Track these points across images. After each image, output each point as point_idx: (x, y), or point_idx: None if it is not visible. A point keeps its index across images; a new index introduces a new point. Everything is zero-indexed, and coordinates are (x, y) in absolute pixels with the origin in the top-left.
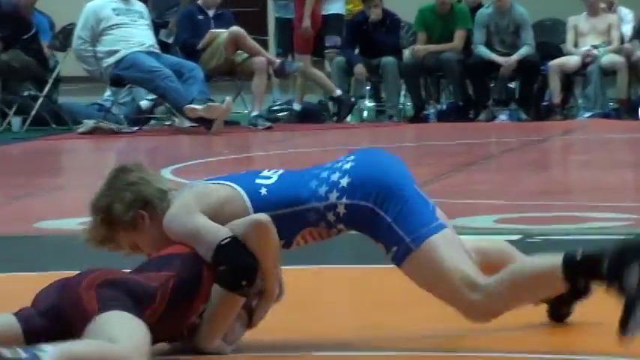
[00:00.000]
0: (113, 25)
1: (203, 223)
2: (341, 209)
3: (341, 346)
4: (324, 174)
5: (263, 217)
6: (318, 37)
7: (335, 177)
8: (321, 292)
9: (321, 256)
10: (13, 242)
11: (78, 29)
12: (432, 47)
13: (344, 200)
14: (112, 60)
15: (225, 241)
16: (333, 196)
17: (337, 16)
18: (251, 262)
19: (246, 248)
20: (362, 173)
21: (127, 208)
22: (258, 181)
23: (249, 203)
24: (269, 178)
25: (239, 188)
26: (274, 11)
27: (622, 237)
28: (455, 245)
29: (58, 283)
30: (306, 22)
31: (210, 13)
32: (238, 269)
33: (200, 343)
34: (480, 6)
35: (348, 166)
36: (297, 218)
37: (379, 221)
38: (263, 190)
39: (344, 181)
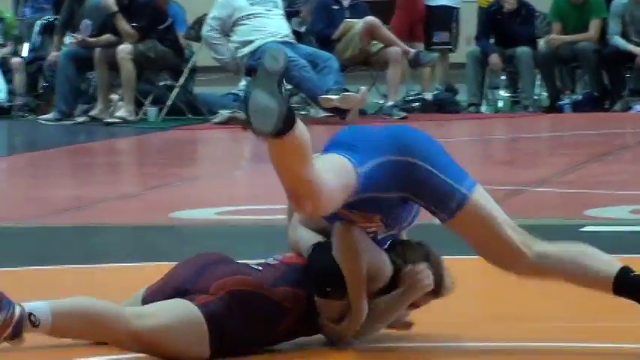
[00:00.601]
0: (247, 15)
1: (301, 233)
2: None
3: (477, 337)
4: None
5: (342, 222)
6: (425, 28)
7: None
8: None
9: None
10: (149, 232)
11: (209, 17)
12: (568, 37)
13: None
14: (247, 50)
15: (311, 249)
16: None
17: (445, 9)
18: (329, 268)
19: (330, 256)
20: None
21: None
22: None
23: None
24: None
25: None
26: None
27: None
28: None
29: (200, 264)
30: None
31: (345, 3)
32: (317, 276)
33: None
34: None
35: None
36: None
37: None
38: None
39: None
